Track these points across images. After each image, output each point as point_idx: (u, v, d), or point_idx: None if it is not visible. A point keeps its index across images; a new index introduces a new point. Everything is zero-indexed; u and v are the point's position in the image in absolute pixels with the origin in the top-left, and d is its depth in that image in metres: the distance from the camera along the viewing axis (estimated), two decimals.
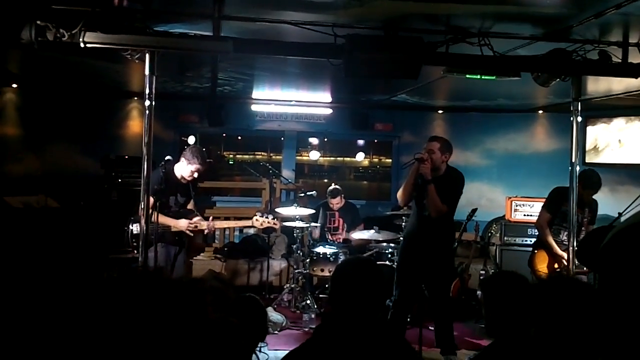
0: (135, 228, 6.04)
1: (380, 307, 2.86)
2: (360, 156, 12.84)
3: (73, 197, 8.14)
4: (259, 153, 16.85)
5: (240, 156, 17.69)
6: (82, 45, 4.51)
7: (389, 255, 7.54)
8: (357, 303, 2.70)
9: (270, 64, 6.88)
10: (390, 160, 11.42)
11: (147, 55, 4.71)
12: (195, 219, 6.13)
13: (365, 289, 2.71)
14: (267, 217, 6.33)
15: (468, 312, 7.48)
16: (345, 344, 2.65)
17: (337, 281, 2.80)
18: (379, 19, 4.85)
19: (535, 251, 6.66)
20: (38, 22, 4.46)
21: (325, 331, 2.76)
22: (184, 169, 5.98)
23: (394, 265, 7.26)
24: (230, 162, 15.26)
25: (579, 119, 5.63)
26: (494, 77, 5.28)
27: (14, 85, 8.74)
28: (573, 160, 5.66)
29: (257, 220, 6.29)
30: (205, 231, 6.21)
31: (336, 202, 8.45)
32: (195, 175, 6.01)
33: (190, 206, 6.26)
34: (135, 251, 5.84)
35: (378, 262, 7.01)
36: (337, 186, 8.56)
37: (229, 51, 4.74)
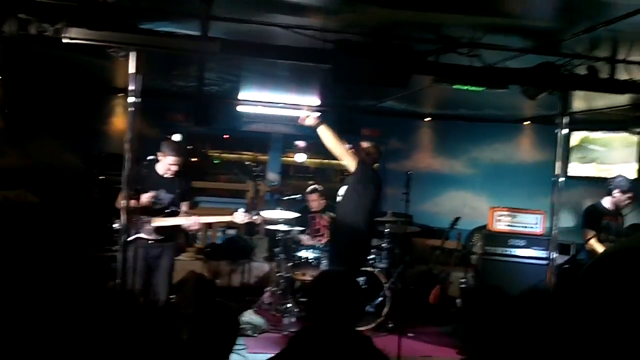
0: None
1: (357, 317, 2.84)
2: None
3: (53, 192, 8.01)
4: (245, 153, 16.75)
5: (226, 155, 17.56)
6: (65, 40, 4.44)
7: (371, 262, 7.49)
8: (333, 316, 2.70)
9: (258, 65, 6.84)
10: (376, 164, 11.38)
11: (133, 53, 4.65)
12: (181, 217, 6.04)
13: (341, 303, 2.71)
14: (248, 214, 6.25)
15: (446, 318, 7.50)
16: (318, 354, 2.66)
17: (313, 295, 2.79)
18: (369, 25, 4.82)
19: None
20: (21, 15, 4.38)
21: (300, 342, 2.75)
22: (161, 164, 5.91)
23: (375, 272, 7.24)
24: (216, 161, 15.15)
25: (565, 131, 5.65)
26: (482, 89, 5.28)
27: None
28: (557, 172, 5.69)
29: (237, 215, 6.20)
30: (188, 226, 6.05)
31: (313, 199, 8.41)
32: (172, 168, 5.88)
33: (184, 207, 6.13)
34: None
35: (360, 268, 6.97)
36: (315, 186, 8.55)
37: (216, 52, 4.68)
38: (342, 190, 6.23)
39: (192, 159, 12.42)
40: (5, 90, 8.70)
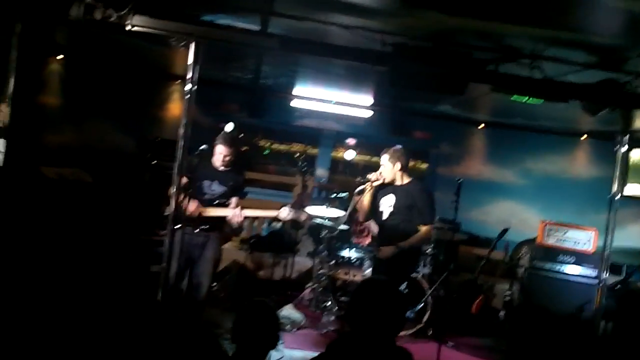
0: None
1: (398, 328, 2.82)
2: None
3: (107, 173, 8.16)
4: (296, 144, 16.78)
5: (276, 146, 17.63)
6: (129, 27, 4.51)
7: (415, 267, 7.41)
8: (374, 326, 2.68)
9: (313, 62, 6.84)
10: (425, 165, 11.38)
11: (193, 44, 4.69)
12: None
13: (383, 314, 2.69)
14: (293, 211, 6.23)
15: (488, 330, 7.39)
16: None
17: (356, 302, 2.77)
18: (428, 30, 4.76)
19: None
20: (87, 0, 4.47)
21: (338, 348, 2.74)
22: (215, 155, 5.96)
23: (417, 277, 7.15)
24: (266, 152, 15.19)
25: (624, 149, 5.51)
26: (541, 101, 5.18)
27: (60, 57, 8.79)
28: (614, 191, 5.55)
29: (283, 211, 6.17)
30: (229, 218, 6.04)
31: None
32: (220, 157, 5.91)
33: (234, 201, 6.14)
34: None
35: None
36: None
37: (275, 48, 4.70)
38: (390, 200, 6.06)
39: (243, 148, 12.50)
40: (68, 71, 8.90)
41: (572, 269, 7.48)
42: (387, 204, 5.99)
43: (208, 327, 2.73)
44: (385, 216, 6.02)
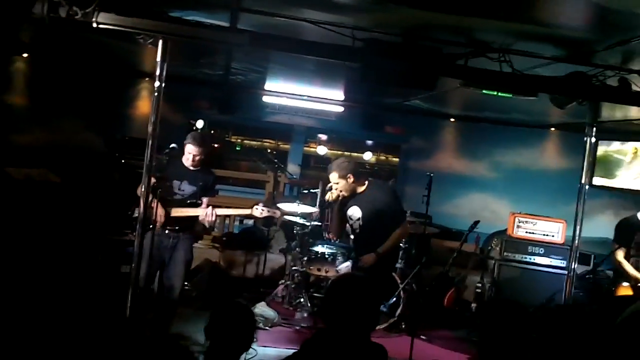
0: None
1: (373, 325, 2.82)
2: (367, 155, 12.73)
3: (75, 173, 8.04)
4: (267, 140, 16.72)
5: (248, 142, 17.53)
6: (94, 25, 4.43)
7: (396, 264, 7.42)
8: (349, 322, 2.68)
9: (284, 58, 6.80)
10: (397, 159, 11.41)
11: (160, 41, 4.62)
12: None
13: (358, 311, 2.69)
14: (267, 208, 6.18)
15: (460, 322, 7.44)
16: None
17: (329, 299, 2.77)
18: (399, 25, 4.76)
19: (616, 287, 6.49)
20: None
21: (313, 346, 2.73)
22: (185, 155, 5.88)
23: (393, 273, 7.15)
24: (237, 148, 15.13)
25: (593, 140, 5.58)
26: (510, 95, 5.21)
27: (25, 55, 8.64)
28: (583, 182, 5.62)
29: (256, 209, 6.12)
30: (202, 218, 5.98)
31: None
32: (190, 157, 5.83)
33: (205, 201, 6.05)
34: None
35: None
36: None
37: (245, 44, 4.65)
38: (357, 212, 6.03)
39: (214, 145, 12.44)
40: (33, 69, 8.76)
41: (541, 260, 7.59)
42: (355, 216, 6.00)
43: (177, 335, 2.70)
44: (357, 228, 6.02)
